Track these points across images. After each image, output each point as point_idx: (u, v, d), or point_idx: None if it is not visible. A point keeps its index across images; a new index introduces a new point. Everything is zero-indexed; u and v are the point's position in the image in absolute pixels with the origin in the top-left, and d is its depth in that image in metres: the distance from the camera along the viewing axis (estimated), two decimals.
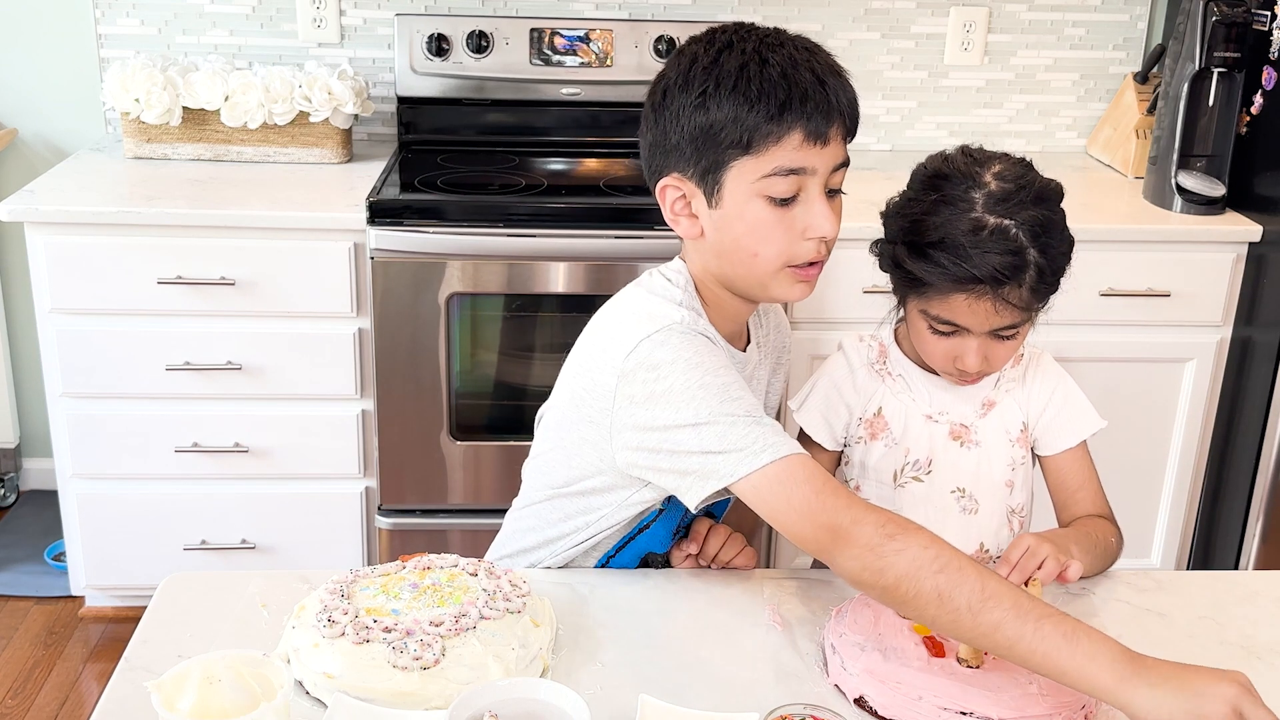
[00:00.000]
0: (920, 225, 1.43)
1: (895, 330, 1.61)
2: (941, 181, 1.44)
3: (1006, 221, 1.39)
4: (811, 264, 1.37)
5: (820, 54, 1.33)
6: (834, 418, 1.60)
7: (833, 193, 1.35)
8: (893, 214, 1.51)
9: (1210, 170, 2.59)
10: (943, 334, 1.46)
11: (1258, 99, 2.53)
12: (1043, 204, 1.41)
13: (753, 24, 1.37)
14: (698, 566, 1.49)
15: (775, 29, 1.36)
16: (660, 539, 1.50)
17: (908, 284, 1.47)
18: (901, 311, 1.56)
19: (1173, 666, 1.10)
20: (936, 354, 1.50)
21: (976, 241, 1.38)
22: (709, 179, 1.33)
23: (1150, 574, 1.50)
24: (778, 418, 1.63)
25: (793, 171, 1.30)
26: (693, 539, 1.49)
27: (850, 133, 1.34)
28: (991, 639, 1.16)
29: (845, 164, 1.35)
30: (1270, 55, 2.48)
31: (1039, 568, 1.37)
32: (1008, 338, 1.46)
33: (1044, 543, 1.38)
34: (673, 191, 1.38)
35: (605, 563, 1.50)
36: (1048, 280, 1.41)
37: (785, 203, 1.32)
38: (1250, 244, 2.54)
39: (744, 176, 1.31)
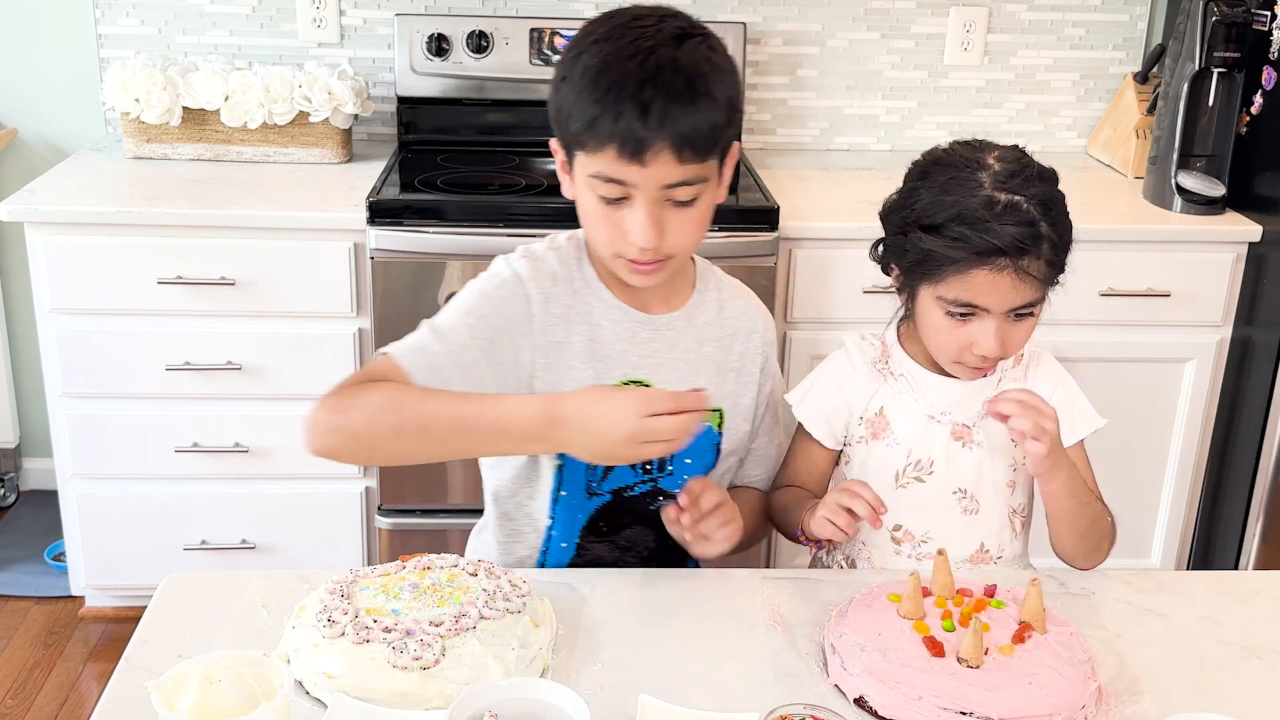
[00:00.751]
0: (932, 206, 1.44)
1: (898, 330, 1.61)
2: (945, 168, 1.47)
3: (1017, 197, 1.41)
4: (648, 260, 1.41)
5: (685, 70, 1.31)
6: (834, 416, 1.60)
7: (681, 203, 1.36)
8: (895, 208, 1.51)
9: (1210, 170, 2.59)
10: (959, 318, 1.45)
11: (1258, 99, 2.53)
12: (1045, 182, 1.45)
13: (666, 14, 1.37)
14: (680, 525, 1.44)
15: (682, 28, 1.35)
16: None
17: (921, 271, 1.46)
18: (905, 310, 1.56)
19: (582, 409, 1.31)
20: (951, 344, 1.48)
21: (993, 215, 1.40)
22: (567, 151, 1.41)
23: (1150, 574, 1.50)
24: (770, 416, 1.63)
25: (612, 180, 1.34)
26: (684, 492, 1.45)
27: (700, 153, 1.33)
28: (429, 426, 1.32)
29: (695, 181, 1.35)
30: (1270, 55, 2.48)
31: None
32: (1023, 318, 1.46)
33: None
34: (557, 151, 1.44)
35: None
36: (1060, 256, 1.43)
37: (613, 202, 1.36)
38: (1250, 244, 2.54)
39: (581, 165, 1.37)
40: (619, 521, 1.55)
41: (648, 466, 1.52)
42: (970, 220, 1.40)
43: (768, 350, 1.62)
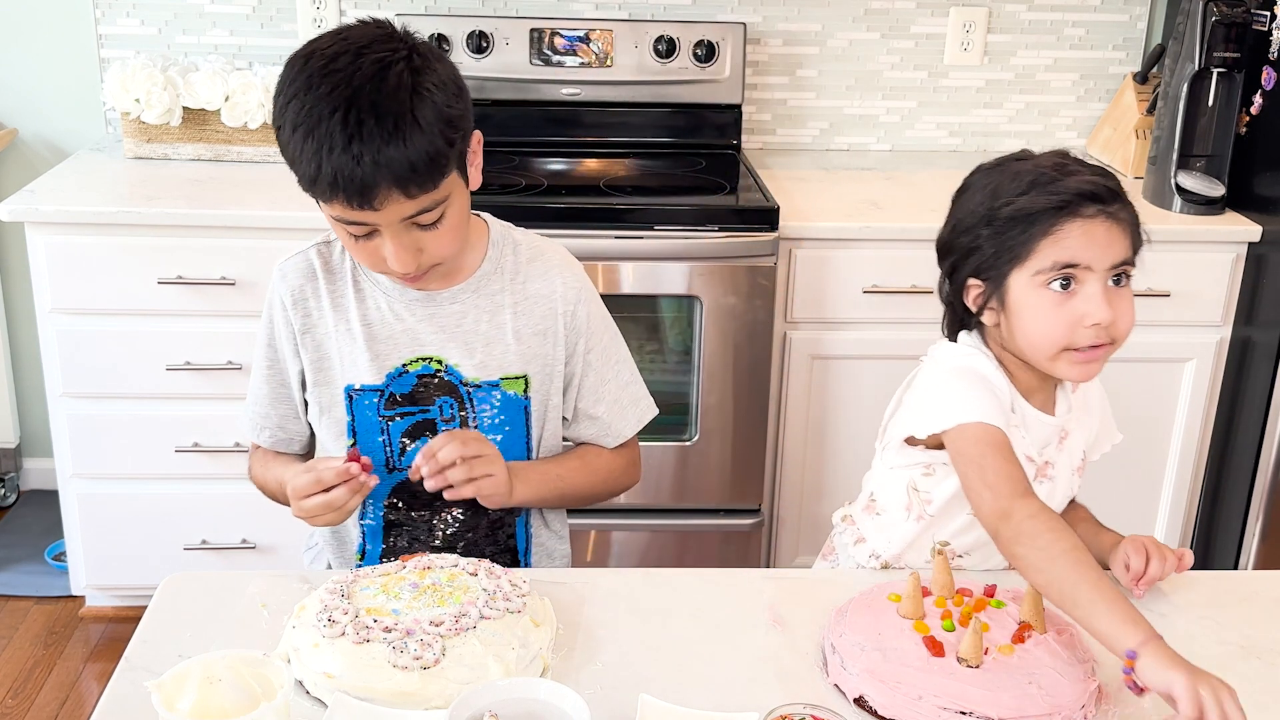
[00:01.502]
0: (1003, 187, 1.41)
1: (997, 358, 1.48)
2: (998, 164, 1.46)
3: (1079, 167, 1.40)
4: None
5: (391, 110, 1.29)
6: (1002, 406, 1.43)
7: (430, 224, 1.37)
8: (958, 224, 1.46)
9: (1210, 170, 2.59)
10: (1062, 290, 1.37)
11: (1257, 99, 2.53)
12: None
13: (364, 42, 1.33)
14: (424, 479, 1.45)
15: (382, 58, 1.31)
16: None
17: (1008, 256, 1.39)
18: (993, 322, 1.45)
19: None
20: (1058, 325, 1.38)
21: (1067, 170, 1.38)
22: None
23: None
24: (594, 375, 1.60)
25: (352, 222, 1.36)
26: (421, 452, 1.45)
27: (428, 182, 1.33)
28: None
29: (434, 205, 1.36)
30: (1270, 55, 2.48)
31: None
32: (1122, 286, 1.39)
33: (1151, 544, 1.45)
34: None
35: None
36: (1136, 218, 1.40)
37: (362, 236, 1.38)
38: (1250, 244, 2.54)
39: (321, 206, 1.38)
40: (423, 498, 1.55)
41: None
42: (1049, 178, 1.38)
43: (573, 308, 1.57)
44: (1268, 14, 2.47)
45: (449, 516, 1.58)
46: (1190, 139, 2.57)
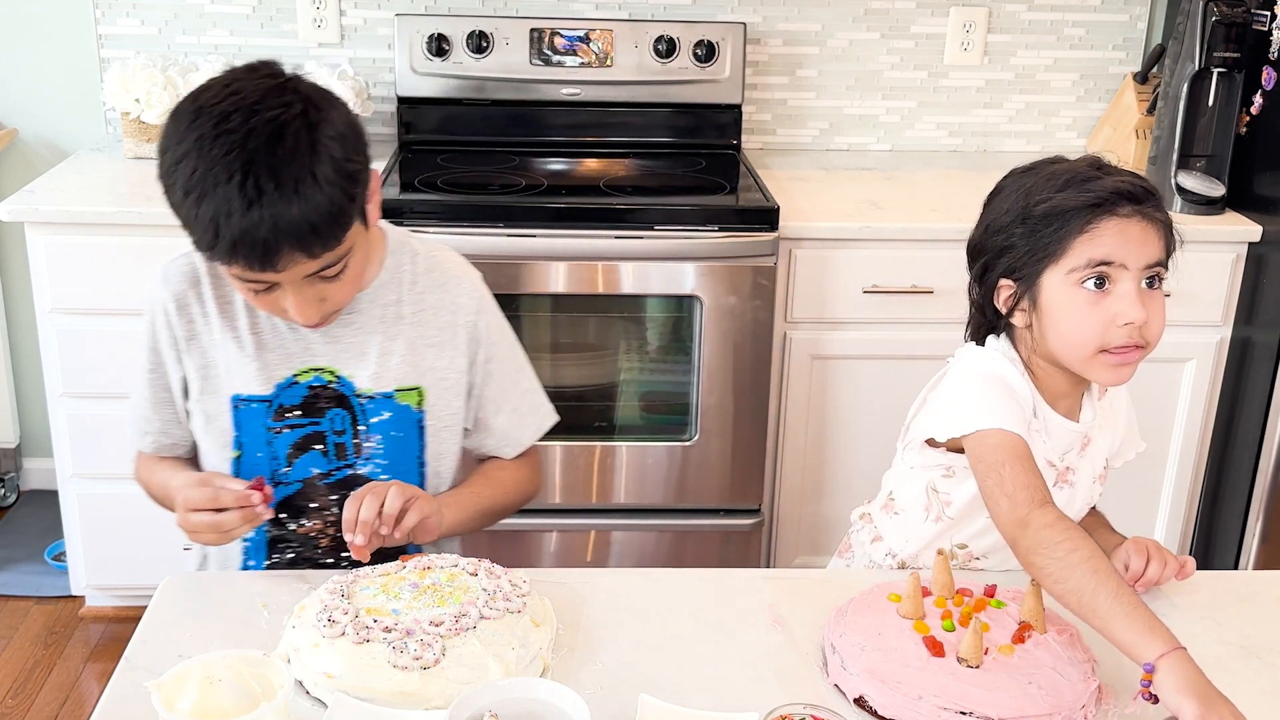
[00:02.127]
0: (1037, 187, 1.41)
1: (1023, 359, 1.48)
2: (1031, 168, 1.47)
3: (1112, 170, 1.42)
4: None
5: (289, 173, 1.26)
6: (1024, 412, 1.43)
7: (332, 276, 1.36)
8: (991, 224, 1.46)
9: (1210, 170, 2.59)
10: (1097, 289, 1.37)
11: (1257, 99, 2.53)
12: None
13: (255, 98, 1.28)
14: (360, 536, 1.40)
15: (276, 116, 1.27)
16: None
17: (1042, 254, 1.39)
18: (1025, 324, 1.45)
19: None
20: (1093, 324, 1.38)
21: (1101, 170, 1.40)
22: None
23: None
24: (495, 386, 1.59)
25: (252, 280, 1.33)
26: (345, 525, 1.40)
27: (331, 239, 1.31)
28: None
29: (336, 260, 1.34)
30: (1270, 55, 2.48)
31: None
32: (1154, 289, 1.40)
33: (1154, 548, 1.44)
34: None
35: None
36: (1170, 221, 1.42)
37: (262, 291, 1.36)
38: (1250, 244, 2.54)
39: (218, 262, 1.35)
40: (305, 511, 1.53)
41: (342, 451, 1.51)
42: (1082, 179, 1.39)
43: (474, 318, 1.56)
44: (1268, 14, 2.47)
45: (335, 532, 1.53)
46: (1190, 139, 2.57)
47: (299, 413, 1.50)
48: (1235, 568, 2.64)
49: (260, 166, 1.25)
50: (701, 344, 2.46)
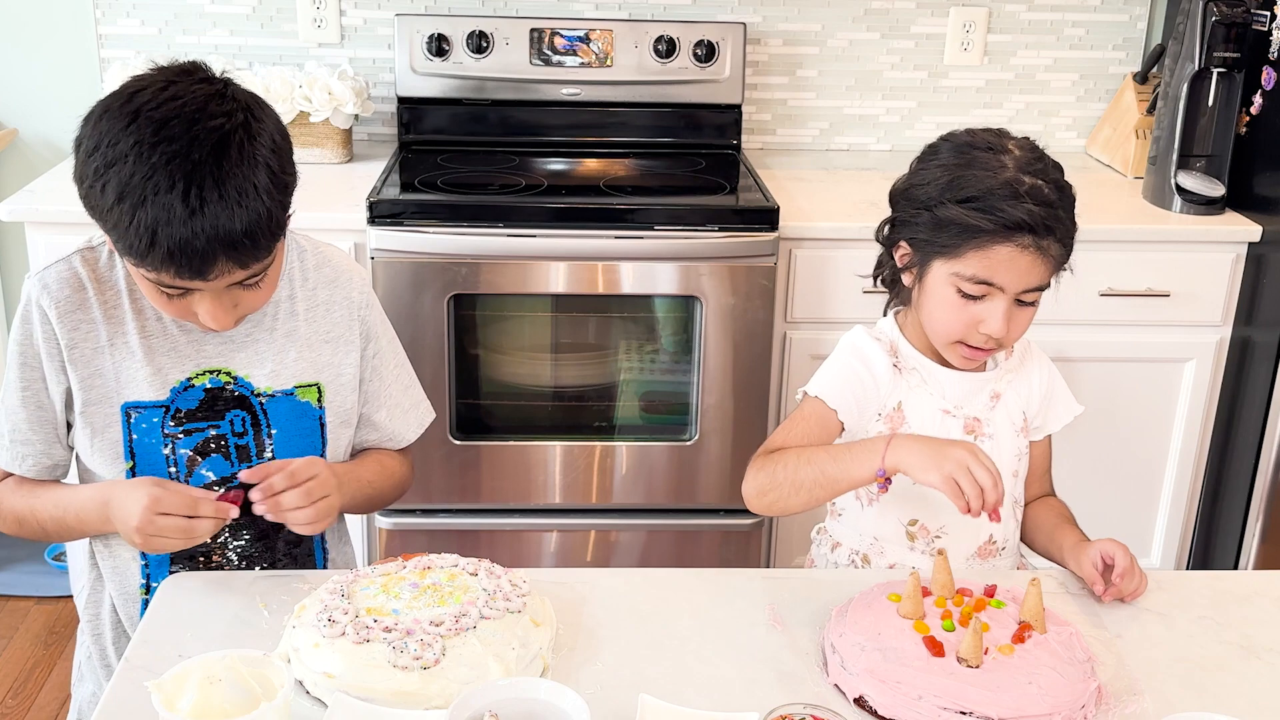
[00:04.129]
0: (958, 181, 1.46)
1: (898, 322, 1.61)
2: (967, 148, 1.50)
3: (1039, 181, 1.45)
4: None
5: (231, 185, 1.25)
6: (864, 400, 1.57)
7: (251, 285, 1.35)
8: (913, 185, 1.53)
9: (1210, 170, 2.59)
10: (972, 297, 1.47)
11: (1257, 99, 2.53)
12: (1059, 172, 1.49)
13: (197, 108, 1.27)
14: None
15: (218, 126, 1.26)
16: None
17: (938, 245, 1.48)
18: (906, 289, 1.56)
19: (115, 497, 1.37)
20: (956, 322, 1.49)
21: (1018, 193, 1.43)
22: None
23: (1150, 574, 1.49)
24: (378, 380, 1.56)
25: (173, 286, 1.32)
26: (252, 472, 1.42)
27: (265, 247, 1.31)
28: None
29: (263, 270, 1.34)
30: (1270, 55, 2.48)
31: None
32: (1027, 306, 1.48)
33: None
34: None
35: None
36: (1069, 245, 1.47)
37: (177, 295, 1.34)
38: (1250, 244, 2.54)
39: (133, 267, 1.33)
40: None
41: (245, 454, 1.49)
42: (999, 195, 1.43)
43: (363, 313, 1.56)
44: (1268, 14, 2.47)
45: (240, 542, 1.52)
46: (1190, 139, 2.57)
47: (197, 416, 1.46)
48: (1235, 568, 2.64)
49: (205, 176, 1.24)
50: (701, 344, 2.46)
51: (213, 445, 1.47)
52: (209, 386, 1.46)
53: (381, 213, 2.38)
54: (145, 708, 1.11)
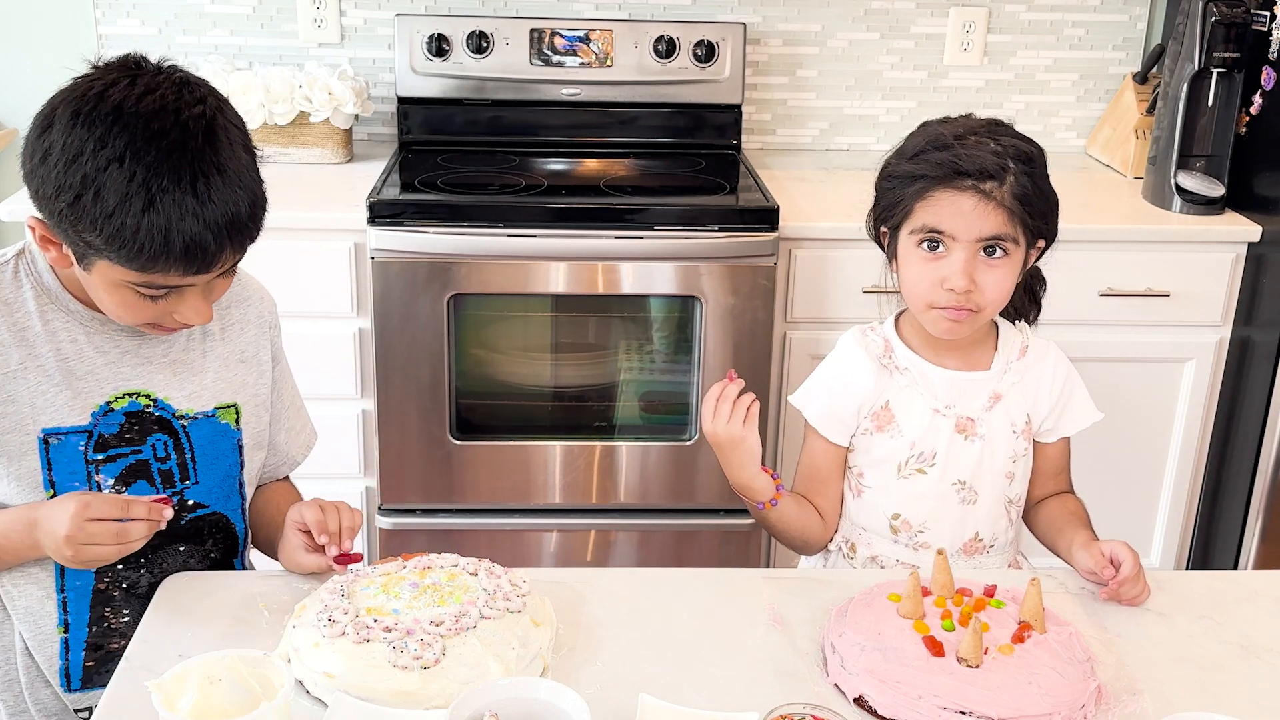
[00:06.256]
0: (910, 142, 1.53)
1: (896, 324, 1.62)
2: (928, 123, 1.57)
3: (990, 140, 1.47)
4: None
5: (225, 176, 1.24)
6: (843, 413, 1.60)
7: (227, 273, 1.34)
8: (888, 161, 1.59)
9: (1209, 170, 2.59)
10: (930, 252, 1.49)
11: (1257, 99, 2.53)
12: (1026, 142, 1.50)
13: (180, 103, 1.25)
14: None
15: (206, 119, 1.25)
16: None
17: (895, 211, 1.52)
18: (903, 305, 1.57)
19: (43, 511, 1.30)
20: (923, 282, 1.50)
21: (963, 144, 1.46)
22: (71, 245, 1.29)
23: (1150, 574, 1.49)
24: (281, 402, 1.52)
25: (162, 286, 1.28)
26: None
27: (257, 231, 1.30)
28: None
29: (235, 262, 1.32)
30: (1269, 55, 2.48)
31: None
32: (995, 262, 1.48)
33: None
34: (38, 226, 1.34)
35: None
36: (1034, 208, 1.47)
37: (159, 299, 1.30)
38: (1250, 244, 2.54)
39: (105, 269, 1.27)
40: (134, 556, 1.38)
41: (169, 479, 1.44)
42: (940, 146, 1.47)
43: (272, 334, 1.55)
44: (1268, 14, 2.47)
45: (165, 569, 1.46)
46: (1190, 139, 2.57)
47: (119, 442, 1.40)
48: (1235, 568, 2.64)
49: (208, 165, 1.23)
50: (701, 344, 2.46)
51: (136, 471, 1.41)
52: (128, 411, 1.40)
53: (381, 213, 2.38)
54: (145, 708, 1.11)
